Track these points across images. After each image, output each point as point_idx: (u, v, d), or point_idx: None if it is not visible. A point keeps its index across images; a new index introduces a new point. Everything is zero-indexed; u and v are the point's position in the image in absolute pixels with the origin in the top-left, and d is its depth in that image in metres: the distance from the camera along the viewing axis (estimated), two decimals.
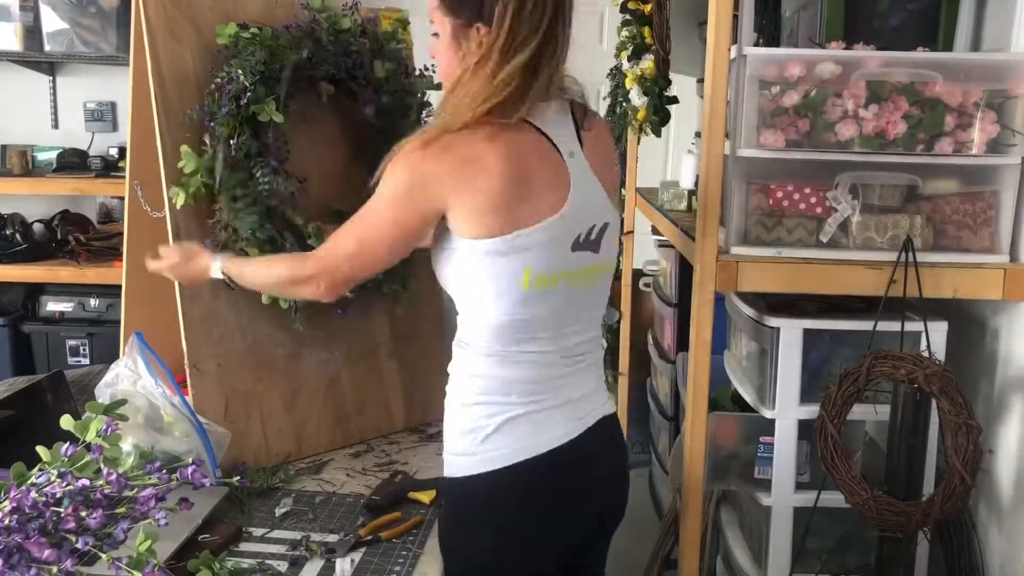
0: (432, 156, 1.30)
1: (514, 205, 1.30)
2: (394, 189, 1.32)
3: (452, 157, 1.30)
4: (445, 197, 1.30)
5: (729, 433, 1.96)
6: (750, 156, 1.78)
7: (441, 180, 1.30)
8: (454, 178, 1.30)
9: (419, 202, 1.31)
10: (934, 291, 1.75)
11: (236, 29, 1.70)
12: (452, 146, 1.30)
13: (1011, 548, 1.76)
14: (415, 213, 1.32)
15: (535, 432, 1.36)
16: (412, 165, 1.31)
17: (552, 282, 1.35)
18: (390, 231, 1.35)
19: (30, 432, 1.54)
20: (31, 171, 3.63)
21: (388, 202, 1.33)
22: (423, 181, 1.30)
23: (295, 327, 1.75)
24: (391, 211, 1.33)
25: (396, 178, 1.32)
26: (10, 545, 1.02)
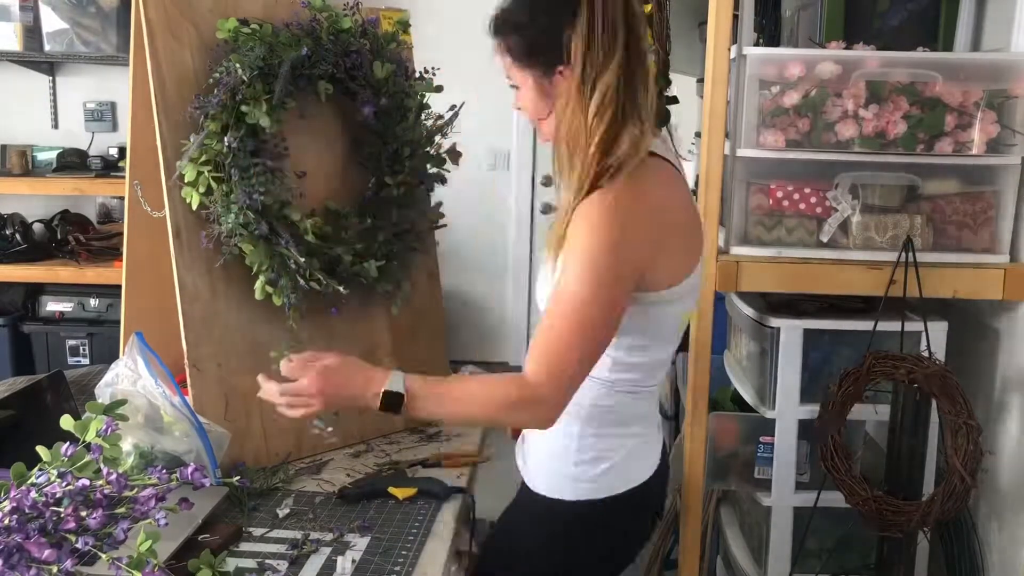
0: (634, 222, 1.21)
1: (688, 250, 1.30)
2: (599, 262, 1.19)
3: (654, 217, 1.24)
4: (650, 262, 1.24)
5: (729, 433, 1.96)
6: (750, 156, 1.79)
7: (647, 243, 1.23)
8: (657, 235, 1.24)
9: (625, 270, 1.21)
10: (934, 291, 1.75)
11: (236, 24, 1.70)
12: (647, 203, 1.23)
13: (1011, 548, 1.76)
14: (624, 282, 1.22)
15: (639, 464, 1.40)
16: (616, 237, 1.20)
17: (689, 320, 1.37)
18: (602, 312, 1.21)
19: (30, 432, 1.54)
20: (31, 171, 3.63)
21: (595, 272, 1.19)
22: (626, 242, 1.20)
23: (289, 324, 1.75)
24: (601, 291, 1.20)
25: (599, 247, 1.20)
26: (10, 545, 1.02)
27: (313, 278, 1.71)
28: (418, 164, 1.92)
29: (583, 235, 1.21)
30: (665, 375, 1.46)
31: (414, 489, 1.63)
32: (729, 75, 1.74)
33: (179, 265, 1.66)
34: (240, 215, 1.64)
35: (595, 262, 1.20)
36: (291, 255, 1.68)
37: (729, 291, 1.90)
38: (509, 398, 1.23)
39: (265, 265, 1.68)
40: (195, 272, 1.68)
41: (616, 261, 1.20)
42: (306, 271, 1.70)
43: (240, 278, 1.72)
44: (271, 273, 1.69)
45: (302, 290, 1.72)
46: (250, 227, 1.65)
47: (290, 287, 1.70)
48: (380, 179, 1.89)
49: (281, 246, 1.68)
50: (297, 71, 1.74)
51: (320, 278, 1.71)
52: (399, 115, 1.90)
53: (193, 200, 1.65)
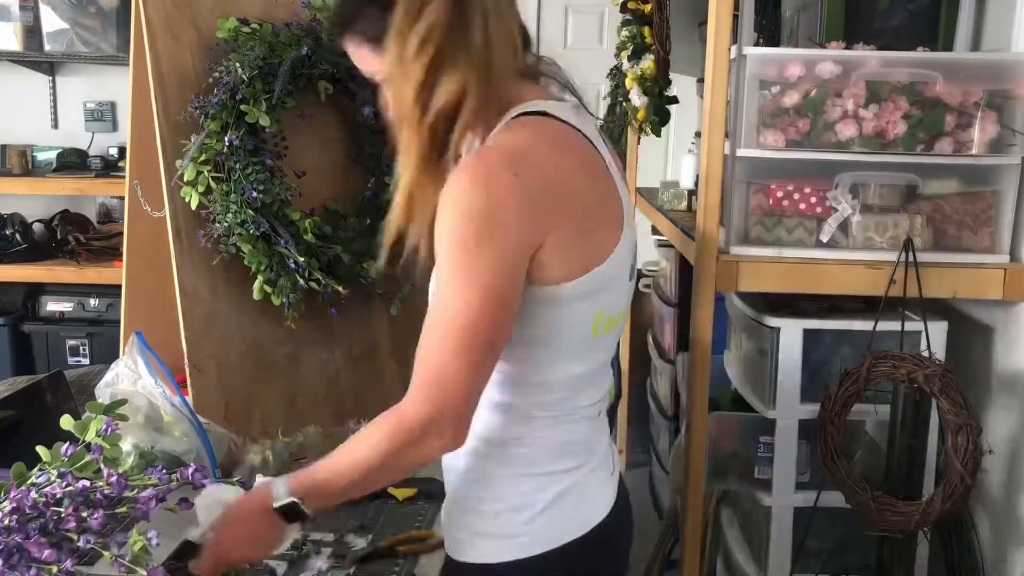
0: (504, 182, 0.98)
1: (593, 228, 1.04)
2: (465, 257, 0.98)
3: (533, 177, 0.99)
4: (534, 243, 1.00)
5: (729, 433, 1.96)
6: (750, 156, 1.79)
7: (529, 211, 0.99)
8: (544, 204, 1.00)
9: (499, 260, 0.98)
10: (934, 291, 1.75)
11: (236, 23, 1.70)
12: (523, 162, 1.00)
13: (1010, 548, 1.76)
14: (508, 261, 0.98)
15: (583, 504, 1.13)
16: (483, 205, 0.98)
17: (616, 322, 1.11)
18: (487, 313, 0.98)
19: (30, 432, 1.54)
20: (31, 171, 3.63)
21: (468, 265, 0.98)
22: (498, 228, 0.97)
23: (287, 324, 1.75)
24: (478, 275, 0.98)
25: (462, 236, 0.98)
26: (10, 545, 1.02)
27: (312, 278, 1.71)
28: None
29: (450, 218, 0.99)
30: (602, 394, 1.17)
31: (414, 490, 1.63)
32: (729, 75, 1.74)
33: (179, 265, 1.66)
34: (239, 214, 1.64)
35: (471, 258, 0.98)
36: (290, 254, 1.68)
37: (729, 291, 1.90)
38: (390, 444, 1.03)
39: (264, 265, 1.68)
40: (195, 272, 1.68)
41: (496, 249, 0.97)
42: (305, 271, 1.70)
43: (240, 278, 1.72)
44: (270, 273, 1.69)
45: (301, 290, 1.72)
46: (248, 226, 1.65)
47: (289, 287, 1.70)
48: (380, 179, 1.89)
49: (280, 245, 1.68)
50: (297, 71, 1.74)
51: (319, 278, 1.71)
52: None
53: (193, 200, 1.65)
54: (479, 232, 0.98)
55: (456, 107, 1.02)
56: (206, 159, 1.64)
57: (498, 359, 1.03)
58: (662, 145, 4.27)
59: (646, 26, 2.60)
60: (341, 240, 1.78)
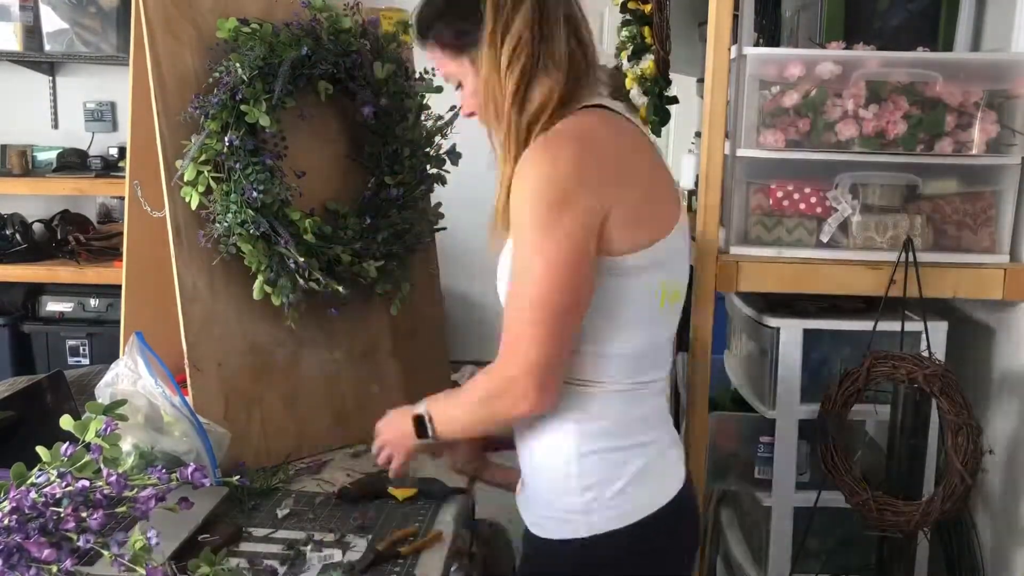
0: (568, 161, 1.10)
1: (655, 206, 1.16)
2: (541, 224, 1.09)
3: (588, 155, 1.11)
4: (602, 212, 1.09)
5: (729, 433, 1.96)
6: (750, 156, 1.79)
7: (595, 179, 1.10)
8: (609, 173, 1.11)
9: (574, 229, 1.08)
10: (934, 291, 1.75)
11: (236, 23, 1.70)
12: (587, 138, 1.12)
13: (1010, 547, 1.76)
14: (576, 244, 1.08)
15: (662, 477, 1.22)
16: (550, 184, 1.09)
17: (679, 296, 1.21)
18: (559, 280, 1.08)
19: (30, 432, 1.54)
20: (31, 171, 3.63)
21: (541, 245, 1.09)
22: (570, 198, 1.08)
23: (287, 324, 1.75)
24: (552, 257, 1.08)
25: (536, 208, 1.09)
26: (10, 545, 1.02)
27: (312, 278, 1.71)
28: (418, 164, 1.92)
29: (524, 196, 1.11)
30: (667, 372, 1.26)
31: (414, 490, 1.63)
32: (729, 75, 1.74)
33: (179, 265, 1.66)
34: (239, 214, 1.64)
35: (545, 232, 1.09)
36: (290, 254, 1.68)
37: (729, 291, 1.90)
38: (482, 392, 1.18)
39: (264, 265, 1.68)
40: (195, 272, 1.68)
41: (564, 219, 1.08)
42: (305, 271, 1.70)
43: (240, 278, 1.72)
44: (270, 273, 1.69)
45: (301, 290, 1.72)
46: (248, 226, 1.65)
47: (289, 287, 1.70)
48: (380, 179, 1.89)
49: (280, 245, 1.68)
50: (297, 71, 1.74)
51: (319, 278, 1.71)
52: (399, 115, 1.90)
53: (193, 200, 1.65)
54: (551, 201, 1.09)
55: (545, 106, 1.15)
56: (206, 159, 1.64)
57: (578, 325, 1.13)
58: (662, 145, 4.27)
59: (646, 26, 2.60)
60: (341, 240, 1.78)
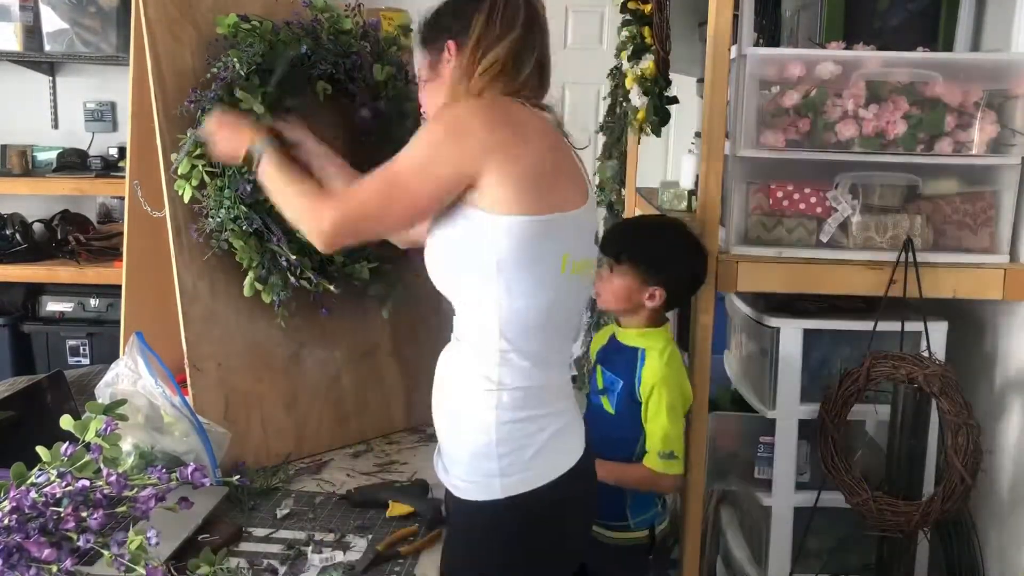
0: (477, 110, 1.26)
1: (553, 183, 1.26)
2: (431, 139, 1.25)
3: (497, 115, 1.26)
4: (485, 156, 1.22)
5: (729, 433, 1.96)
6: (750, 156, 1.79)
7: (483, 137, 1.23)
8: (498, 136, 1.23)
9: (456, 155, 1.23)
10: (934, 291, 1.75)
11: (236, 19, 1.70)
12: (496, 106, 1.27)
13: (1011, 548, 1.76)
14: (449, 166, 1.22)
15: (568, 444, 1.33)
16: (455, 117, 1.26)
17: (584, 270, 1.32)
18: (418, 183, 1.24)
19: (30, 432, 1.54)
20: (31, 171, 3.63)
21: (423, 149, 1.25)
22: (465, 131, 1.23)
23: (279, 322, 1.75)
24: (424, 161, 1.24)
25: (435, 127, 1.27)
26: (10, 545, 1.02)
27: (304, 276, 1.71)
28: None
29: (439, 115, 1.29)
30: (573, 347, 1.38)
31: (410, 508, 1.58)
32: (729, 75, 1.74)
33: (179, 265, 1.66)
34: (232, 209, 1.63)
35: (434, 131, 1.26)
36: (282, 252, 1.68)
37: (729, 291, 1.90)
38: (304, 197, 1.33)
39: (256, 262, 1.68)
40: (195, 272, 1.68)
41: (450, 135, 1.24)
42: (296, 269, 1.70)
43: (240, 278, 1.72)
44: (261, 270, 1.69)
45: (292, 288, 1.71)
46: (241, 222, 1.65)
47: (280, 285, 1.70)
48: None
49: (272, 243, 1.68)
50: (296, 69, 1.74)
51: (310, 276, 1.71)
52: (397, 118, 1.90)
53: (186, 193, 1.65)
54: (444, 131, 1.25)
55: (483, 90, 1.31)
56: (200, 153, 1.63)
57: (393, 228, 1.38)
58: (662, 145, 4.27)
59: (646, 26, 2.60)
60: None
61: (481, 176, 1.22)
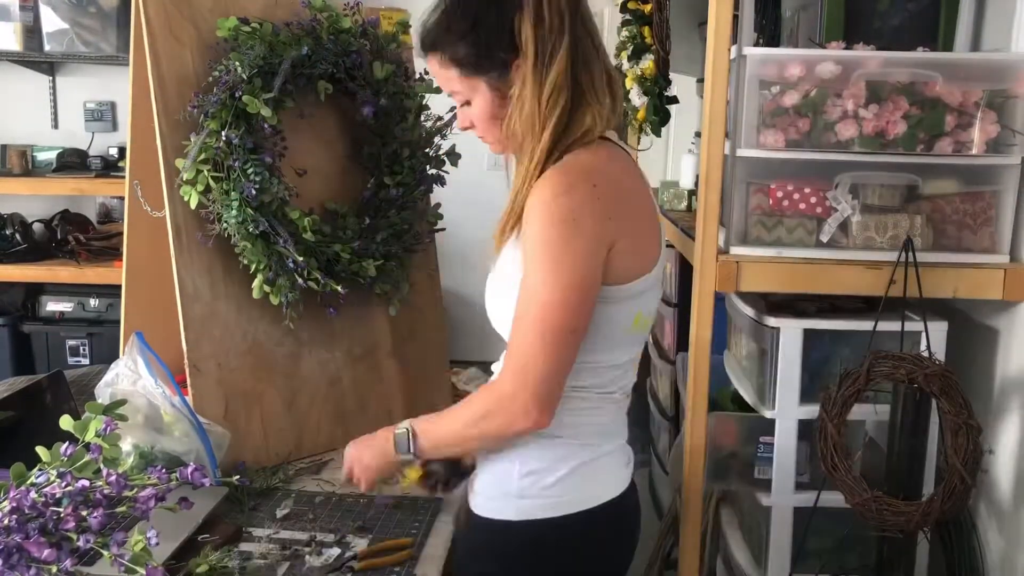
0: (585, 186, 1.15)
1: (640, 249, 1.21)
2: (553, 254, 1.14)
3: (608, 186, 1.17)
4: (613, 231, 1.16)
5: (729, 433, 1.96)
6: (750, 156, 1.78)
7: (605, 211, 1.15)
8: (616, 208, 1.17)
9: (581, 257, 1.14)
10: (934, 291, 1.75)
11: (236, 22, 1.71)
12: (598, 171, 1.18)
13: (1011, 548, 1.76)
14: (579, 272, 1.14)
15: (598, 481, 1.29)
16: (567, 203, 1.14)
17: (646, 325, 1.29)
18: (571, 295, 1.14)
19: (30, 432, 1.54)
20: (31, 171, 3.63)
21: (553, 256, 1.14)
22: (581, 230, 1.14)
23: (286, 323, 1.75)
24: (561, 266, 1.14)
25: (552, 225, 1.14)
26: (10, 545, 1.02)
27: (311, 277, 1.71)
28: (417, 165, 1.92)
29: (538, 221, 1.16)
30: (625, 387, 1.33)
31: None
32: (729, 75, 1.74)
33: (179, 265, 1.66)
34: (240, 213, 1.64)
35: (557, 256, 1.14)
36: (289, 253, 1.68)
37: (729, 291, 1.89)
38: (480, 408, 1.22)
39: (263, 264, 1.68)
40: (195, 272, 1.68)
41: (578, 248, 1.14)
42: (304, 270, 1.70)
43: (240, 278, 1.72)
44: (269, 272, 1.69)
45: (300, 289, 1.72)
46: (248, 225, 1.65)
47: (288, 286, 1.70)
48: (379, 179, 1.89)
49: (279, 245, 1.68)
50: (297, 70, 1.74)
51: (318, 277, 1.72)
52: (398, 116, 1.90)
53: (192, 199, 1.65)
54: (564, 227, 1.14)
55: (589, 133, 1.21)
56: (205, 158, 1.64)
57: (578, 348, 1.19)
58: (662, 145, 4.27)
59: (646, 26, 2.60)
60: (340, 240, 1.78)
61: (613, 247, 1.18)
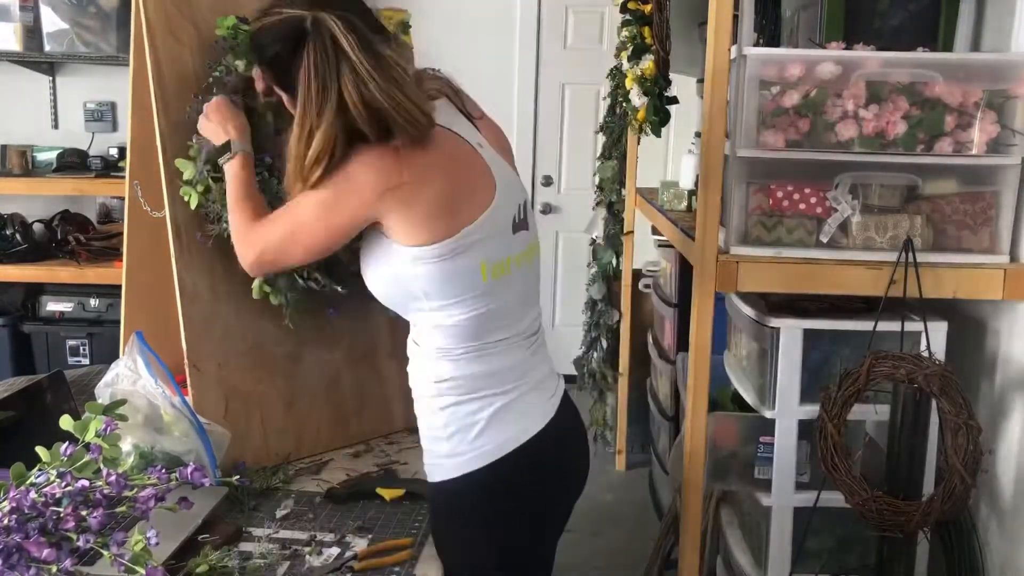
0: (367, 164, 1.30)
1: (455, 203, 1.32)
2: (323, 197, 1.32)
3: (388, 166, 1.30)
4: (379, 204, 1.30)
5: (729, 433, 1.96)
6: (750, 156, 1.79)
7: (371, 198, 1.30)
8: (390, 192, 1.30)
9: (349, 210, 1.32)
10: (934, 291, 1.75)
11: (235, 21, 1.70)
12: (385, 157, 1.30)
13: (1011, 548, 1.76)
14: (345, 216, 1.32)
15: (519, 420, 1.39)
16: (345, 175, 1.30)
17: (507, 268, 1.38)
18: (318, 230, 1.35)
19: (30, 432, 1.54)
20: (31, 171, 3.63)
21: (320, 201, 1.32)
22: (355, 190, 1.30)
23: (286, 323, 1.75)
24: (321, 213, 1.33)
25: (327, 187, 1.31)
26: (10, 545, 1.02)
27: (311, 277, 1.71)
28: None
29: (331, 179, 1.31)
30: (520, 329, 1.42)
31: (402, 491, 1.63)
32: (729, 75, 1.74)
33: (179, 265, 1.66)
34: None
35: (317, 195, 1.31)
36: None
37: (729, 291, 1.90)
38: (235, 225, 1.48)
39: None
40: (195, 272, 1.68)
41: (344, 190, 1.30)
42: (304, 270, 1.70)
43: (240, 278, 1.71)
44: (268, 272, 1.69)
45: (300, 289, 1.72)
46: None
47: (287, 286, 1.70)
48: None
49: None
50: None
51: (318, 277, 1.71)
52: None
53: (192, 199, 1.65)
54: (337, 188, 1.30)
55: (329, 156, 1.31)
56: (207, 159, 1.64)
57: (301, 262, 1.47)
58: (662, 145, 4.28)
59: (646, 26, 2.60)
60: None
61: (382, 218, 1.31)
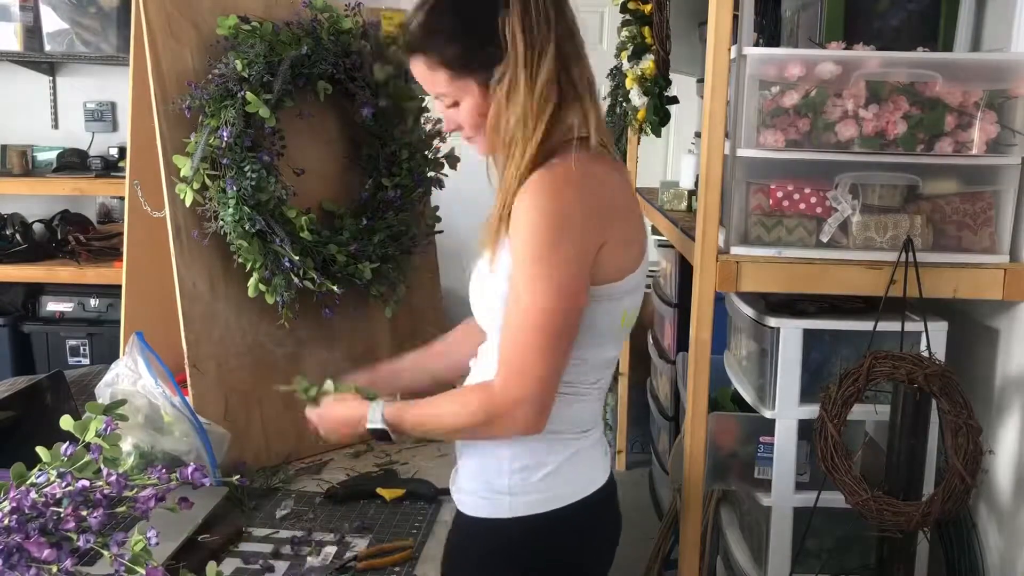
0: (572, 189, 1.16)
1: (628, 248, 1.23)
2: (541, 253, 1.14)
3: (594, 188, 1.18)
4: (600, 233, 1.17)
5: (729, 433, 1.96)
6: (750, 156, 1.78)
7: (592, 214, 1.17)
8: (602, 210, 1.18)
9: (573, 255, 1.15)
10: (934, 291, 1.75)
11: (236, 20, 1.71)
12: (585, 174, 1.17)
13: (1011, 548, 1.76)
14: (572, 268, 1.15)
15: (588, 469, 1.30)
16: (553, 207, 1.15)
17: (632, 321, 1.31)
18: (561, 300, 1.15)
19: (30, 432, 1.54)
20: (31, 171, 3.63)
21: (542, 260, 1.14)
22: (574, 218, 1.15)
23: (282, 322, 1.75)
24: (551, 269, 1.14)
25: (539, 230, 1.14)
26: (10, 545, 1.02)
27: (307, 277, 1.71)
28: (416, 167, 1.92)
29: (527, 225, 1.15)
30: (606, 382, 1.32)
31: (402, 491, 1.63)
32: (729, 75, 1.74)
33: (179, 265, 1.66)
34: (236, 211, 1.64)
35: (547, 260, 1.14)
36: (285, 253, 1.68)
37: (729, 291, 1.89)
38: (479, 411, 1.20)
39: (259, 263, 1.68)
40: (195, 272, 1.68)
41: (567, 252, 1.14)
42: (300, 269, 1.70)
43: (240, 278, 1.72)
44: (264, 271, 1.69)
45: (295, 288, 1.72)
46: (244, 223, 1.65)
47: (283, 285, 1.70)
48: (377, 181, 1.89)
49: (275, 244, 1.68)
50: (296, 70, 1.74)
51: (313, 277, 1.71)
52: (398, 118, 1.90)
53: (187, 196, 1.65)
54: (552, 237, 1.14)
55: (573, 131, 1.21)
56: (203, 156, 1.64)
57: (571, 351, 1.19)
58: (662, 145, 4.27)
59: (646, 26, 2.60)
60: (336, 240, 1.78)
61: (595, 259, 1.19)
